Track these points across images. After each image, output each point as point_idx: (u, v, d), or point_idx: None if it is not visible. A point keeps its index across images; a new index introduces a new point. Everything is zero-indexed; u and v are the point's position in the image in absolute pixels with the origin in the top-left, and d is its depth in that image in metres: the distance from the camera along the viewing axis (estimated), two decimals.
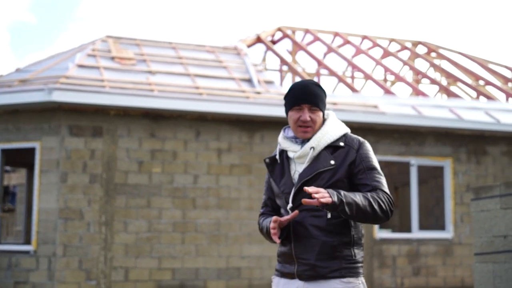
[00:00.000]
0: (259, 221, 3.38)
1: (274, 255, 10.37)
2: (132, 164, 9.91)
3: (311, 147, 3.16)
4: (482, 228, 4.64)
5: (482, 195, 4.70)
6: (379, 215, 3.05)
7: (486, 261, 4.57)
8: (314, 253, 3.07)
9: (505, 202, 4.50)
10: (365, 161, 3.16)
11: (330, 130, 3.21)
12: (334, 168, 3.12)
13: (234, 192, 10.34)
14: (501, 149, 12.04)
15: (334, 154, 3.16)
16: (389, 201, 3.10)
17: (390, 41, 16.01)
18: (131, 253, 9.77)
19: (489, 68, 15.53)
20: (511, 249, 4.39)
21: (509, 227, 4.44)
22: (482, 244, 4.64)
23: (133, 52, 11.63)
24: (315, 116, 3.18)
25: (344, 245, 3.10)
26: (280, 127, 10.61)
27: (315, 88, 3.21)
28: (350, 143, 3.20)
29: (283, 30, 14.78)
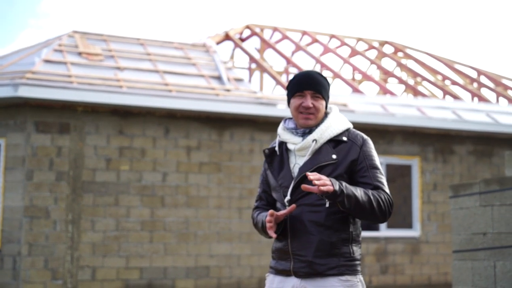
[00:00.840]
0: (253, 215, 3.29)
1: (242, 253, 10.31)
2: (100, 162, 9.75)
3: (313, 140, 3.08)
4: (461, 225, 4.64)
5: (461, 193, 4.69)
6: (377, 214, 3.00)
7: (465, 258, 4.57)
8: (312, 250, 3.00)
9: (485, 200, 4.50)
10: (368, 159, 3.10)
11: (333, 123, 3.14)
12: (335, 163, 3.06)
13: (203, 190, 10.24)
14: (467, 148, 12.14)
15: (336, 149, 3.09)
16: (389, 202, 3.05)
17: (358, 40, 16.07)
18: (98, 252, 9.60)
19: (455, 68, 15.69)
20: (490, 247, 4.39)
21: (489, 224, 4.44)
22: (461, 242, 4.63)
23: (101, 47, 11.45)
24: (318, 104, 3.12)
25: (343, 241, 3.03)
26: (250, 125, 10.57)
27: (319, 77, 3.15)
28: (353, 138, 3.14)
29: (251, 28, 14.72)
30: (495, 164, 12.31)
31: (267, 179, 3.25)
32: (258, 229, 3.22)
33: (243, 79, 11.60)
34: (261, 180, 3.31)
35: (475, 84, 15.55)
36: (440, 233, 11.70)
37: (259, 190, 3.33)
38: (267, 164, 3.23)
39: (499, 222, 4.45)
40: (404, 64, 15.41)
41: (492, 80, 15.69)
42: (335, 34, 15.65)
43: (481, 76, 15.86)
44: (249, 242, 10.38)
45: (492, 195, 4.51)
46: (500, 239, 4.44)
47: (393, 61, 15.65)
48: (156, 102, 9.90)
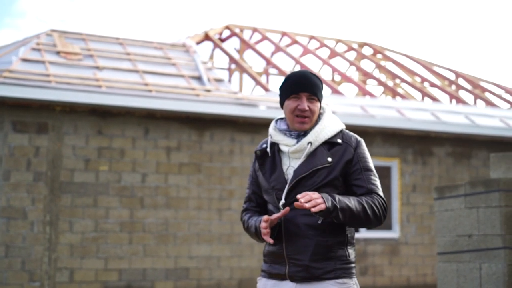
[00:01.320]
0: (244, 218, 3.22)
1: (222, 255, 10.25)
2: (78, 162, 9.63)
3: (308, 142, 3.02)
4: (446, 227, 4.62)
5: (446, 194, 4.68)
6: (372, 220, 2.97)
7: (450, 260, 4.56)
8: (308, 254, 2.94)
9: (470, 202, 4.49)
10: (362, 161, 3.06)
11: (328, 125, 3.09)
12: (331, 166, 3.00)
13: (183, 191, 10.17)
14: (446, 150, 12.20)
15: (331, 151, 3.04)
16: (383, 206, 3.01)
17: (337, 41, 16.09)
18: (77, 254, 9.49)
19: (433, 70, 15.76)
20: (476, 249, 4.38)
21: (474, 226, 4.44)
22: (446, 244, 4.62)
23: (79, 47, 11.33)
24: (314, 107, 3.06)
25: (339, 245, 2.99)
26: (230, 125, 10.51)
27: (314, 78, 3.09)
28: (347, 140, 3.09)
29: (231, 28, 14.67)
30: (473, 166, 12.39)
31: (257, 180, 3.19)
32: (251, 233, 3.15)
33: (224, 80, 11.55)
34: (250, 181, 3.24)
35: (453, 86, 15.63)
36: (419, 234, 11.73)
37: (248, 191, 3.25)
38: (258, 165, 3.16)
39: (484, 224, 4.45)
40: (383, 66, 15.45)
41: (470, 82, 15.79)
42: (314, 35, 15.66)
43: (459, 78, 15.96)
44: (229, 243, 10.33)
45: (477, 197, 4.50)
46: (485, 241, 4.44)
47: (372, 63, 15.69)
48: (136, 102, 9.81)
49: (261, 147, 3.18)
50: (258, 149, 3.19)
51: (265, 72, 14.03)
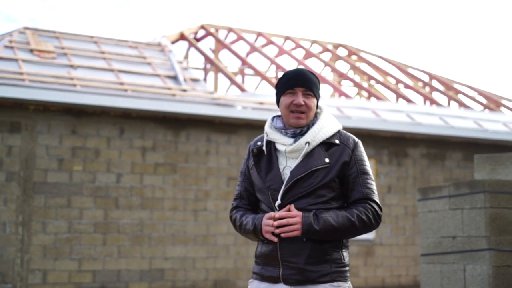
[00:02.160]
0: (236, 215, 3.13)
1: (197, 256, 10.16)
2: (52, 162, 9.47)
3: (306, 142, 2.96)
4: (430, 228, 4.60)
5: (430, 196, 4.66)
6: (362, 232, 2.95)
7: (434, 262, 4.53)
8: (304, 256, 2.88)
9: (454, 203, 4.47)
10: (359, 163, 3.00)
11: (325, 125, 3.03)
12: (328, 167, 2.95)
13: (158, 192, 10.06)
14: (421, 151, 12.24)
15: (329, 152, 2.98)
16: (376, 213, 2.96)
17: (312, 42, 16.08)
18: (50, 255, 9.33)
19: (407, 71, 15.83)
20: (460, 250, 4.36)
21: (458, 227, 4.42)
22: (429, 245, 4.59)
23: (53, 45, 11.15)
24: (310, 102, 3.00)
25: (334, 247, 2.93)
26: (206, 126, 10.42)
27: (309, 74, 3.04)
28: (345, 141, 3.03)
29: (206, 28, 14.58)
30: (447, 167, 12.45)
31: (250, 178, 3.11)
32: (246, 231, 3.05)
33: (200, 80, 11.46)
34: (243, 178, 3.16)
35: (427, 88, 15.72)
36: (394, 235, 11.76)
37: (239, 188, 3.17)
38: (253, 163, 3.08)
39: (469, 225, 4.44)
40: (358, 67, 15.48)
41: (444, 84, 15.89)
42: (290, 36, 15.63)
43: (433, 80, 16.05)
44: (205, 244, 10.24)
45: (462, 198, 4.49)
46: (470, 242, 4.43)
47: (347, 64, 15.71)
48: (111, 102, 9.68)
49: (256, 145, 3.10)
50: (253, 146, 3.11)
51: (240, 72, 13.96)
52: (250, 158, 3.13)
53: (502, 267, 4.34)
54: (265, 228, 2.91)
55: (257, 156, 3.07)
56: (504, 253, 4.36)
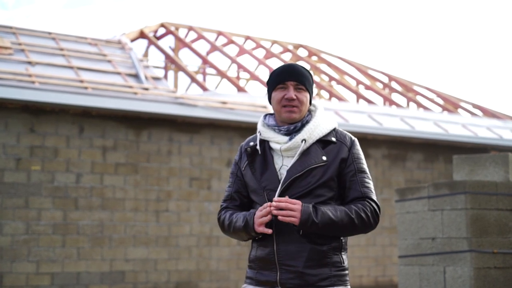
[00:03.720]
0: (225, 215, 2.99)
1: (159, 257, 9.97)
2: (9, 161, 9.17)
3: (302, 140, 2.84)
4: (408, 230, 4.54)
5: (408, 197, 4.60)
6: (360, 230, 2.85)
7: (412, 263, 4.47)
8: (303, 260, 2.76)
9: (434, 204, 4.41)
10: (357, 162, 2.91)
11: (321, 122, 2.92)
12: (326, 165, 2.84)
13: (119, 192, 9.83)
14: (382, 152, 12.26)
15: (326, 149, 2.88)
16: (375, 212, 2.87)
17: (273, 42, 16.01)
18: (6, 257, 9.02)
19: (367, 73, 15.88)
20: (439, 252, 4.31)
21: (438, 229, 4.36)
22: (408, 247, 4.53)
23: (10, 41, 10.82)
24: (302, 96, 2.89)
25: (334, 250, 2.82)
26: (168, 125, 10.24)
27: (301, 68, 2.93)
28: (342, 139, 2.93)
29: (166, 26, 14.37)
30: (408, 168, 12.50)
31: (243, 179, 2.98)
32: (236, 228, 2.90)
33: (161, 78, 11.27)
34: (234, 179, 3.02)
35: (387, 89, 15.80)
36: (355, 236, 11.73)
37: (230, 189, 3.04)
38: (247, 163, 2.96)
39: (449, 226, 4.39)
40: (318, 68, 15.47)
41: (403, 85, 15.99)
42: (250, 35, 15.53)
43: (392, 81, 16.14)
44: (166, 246, 10.05)
45: (442, 199, 4.43)
46: (450, 244, 4.38)
47: (307, 64, 15.68)
48: (70, 99, 9.43)
49: (248, 145, 2.98)
50: (246, 146, 2.99)
51: (201, 71, 13.80)
52: (243, 159, 3.00)
53: (483, 269, 4.30)
54: (258, 220, 2.77)
55: (250, 156, 2.95)
56: (485, 254, 4.32)
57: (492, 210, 4.43)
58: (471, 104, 16.06)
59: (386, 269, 11.90)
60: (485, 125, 14.06)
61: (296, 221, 2.71)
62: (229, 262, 10.45)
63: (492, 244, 4.39)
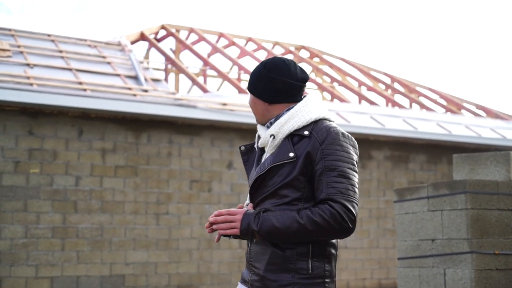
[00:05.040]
0: None
1: (160, 261, 9.88)
2: (7, 164, 9.10)
3: (271, 135, 2.69)
4: (407, 231, 4.43)
5: (407, 197, 4.49)
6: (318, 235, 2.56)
7: (412, 265, 4.37)
8: (264, 263, 2.61)
9: (433, 204, 4.31)
10: (326, 159, 2.58)
11: (296, 114, 2.68)
12: (293, 162, 2.61)
13: (119, 195, 9.75)
14: (384, 154, 12.16)
15: (297, 145, 2.64)
16: (339, 214, 2.53)
17: (274, 44, 15.92)
18: (5, 261, 8.95)
19: (370, 74, 15.78)
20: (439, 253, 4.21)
21: (438, 230, 4.26)
22: (407, 248, 4.43)
23: (8, 43, 10.76)
24: (252, 103, 2.80)
25: (299, 255, 2.58)
26: (168, 127, 10.15)
27: (255, 71, 2.79)
28: (316, 132, 2.65)
29: (167, 28, 14.30)
30: (411, 169, 12.40)
31: None
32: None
33: (161, 80, 11.19)
34: None
35: (389, 91, 15.69)
36: (359, 238, 11.64)
37: None
38: (243, 163, 2.89)
39: (449, 227, 4.28)
40: (320, 69, 15.37)
41: (406, 86, 15.89)
42: (252, 37, 15.44)
43: (395, 82, 16.04)
44: (167, 249, 9.96)
45: (441, 199, 4.33)
46: (450, 245, 4.27)
47: (309, 66, 15.59)
48: (69, 102, 9.35)
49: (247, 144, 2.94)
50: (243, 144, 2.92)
51: (202, 73, 13.72)
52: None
53: (484, 270, 4.20)
54: (206, 224, 2.69)
55: (246, 154, 2.86)
56: (486, 256, 4.22)
57: (493, 210, 4.32)
58: (475, 104, 15.94)
59: (390, 272, 11.79)
60: (488, 126, 13.94)
61: (237, 232, 2.59)
62: (231, 265, 10.36)
63: (493, 245, 4.29)
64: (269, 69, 2.75)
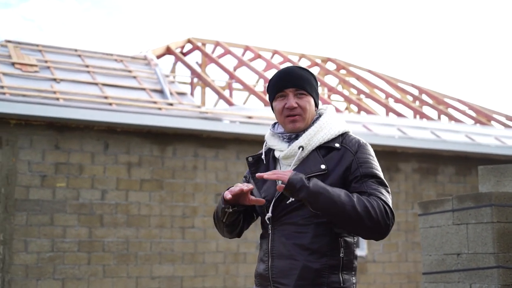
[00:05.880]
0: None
1: (185, 275, 9.84)
2: (34, 178, 9.15)
3: (299, 147, 2.63)
4: (432, 245, 4.33)
5: (432, 210, 4.39)
6: (364, 220, 2.48)
7: (437, 281, 4.27)
8: (294, 278, 2.53)
9: (458, 218, 4.21)
10: (363, 167, 2.61)
11: (325, 127, 2.67)
12: (325, 174, 2.58)
13: (145, 209, 9.75)
14: (412, 166, 12.02)
15: (327, 157, 2.62)
16: (384, 210, 2.52)
17: (300, 56, 15.88)
18: (32, 275, 8.98)
19: (397, 85, 15.65)
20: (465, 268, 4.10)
21: (463, 244, 4.15)
22: (432, 263, 4.33)
23: (36, 58, 10.86)
24: (304, 102, 2.67)
25: (331, 269, 2.55)
26: (193, 140, 10.14)
27: (301, 71, 2.71)
28: (347, 144, 2.67)
29: (193, 41, 14.34)
30: (440, 182, 12.23)
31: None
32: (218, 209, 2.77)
33: (186, 93, 11.20)
34: None
35: (417, 102, 15.53)
36: (387, 252, 11.49)
37: None
38: (250, 174, 2.81)
39: (474, 241, 4.18)
40: (347, 81, 15.28)
41: (434, 98, 15.72)
42: (278, 50, 15.42)
43: (423, 94, 15.87)
44: (193, 263, 9.93)
45: (466, 212, 4.23)
46: (476, 259, 4.17)
47: (336, 78, 15.51)
48: (95, 116, 9.39)
49: (254, 155, 2.86)
50: (251, 155, 2.86)
51: (228, 87, 13.71)
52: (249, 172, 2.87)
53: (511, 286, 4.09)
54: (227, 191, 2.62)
55: (253, 165, 2.79)
56: None
57: None
58: (504, 115, 15.70)
59: (419, 286, 11.61)
60: None
61: (285, 178, 2.47)
62: None
63: None
64: (310, 73, 2.77)
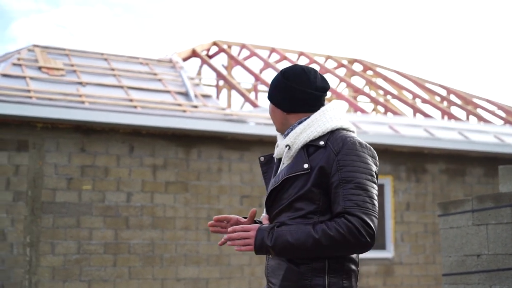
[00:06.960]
0: None
1: (211, 277, 9.86)
2: (60, 181, 9.24)
3: (286, 145, 2.62)
4: (452, 246, 4.28)
5: (452, 211, 4.34)
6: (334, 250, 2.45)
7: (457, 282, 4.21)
8: (279, 278, 2.55)
9: (478, 218, 4.15)
10: (342, 170, 2.48)
11: (313, 124, 2.60)
12: (308, 173, 2.52)
13: (170, 211, 9.79)
14: (439, 167, 11.90)
15: (312, 156, 2.55)
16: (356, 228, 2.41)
17: (327, 58, 15.82)
18: (59, 277, 9.07)
19: (424, 86, 15.52)
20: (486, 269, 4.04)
21: (483, 245, 4.09)
22: (452, 264, 4.27)
23: (62, 62, 10.97)
24: (272, 112, 2.75)
25: (314, 271, 2.49)
26: (218, 142, 10.16)
27: (274, 80, 2.75)
28: (332, 142, 2.55)
29: (218, 44, 14.38)
30: (468, 183, 12.09)
31: None
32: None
33: (211, 96, 11.22)
34: None
35: (445, 103, 15.39)
36: (414, 254, 11.39)
37: None
38: (262, 173, 2.84)
39: (495, 242, 4.12)
40: (373, 82, 15.20)
41: (462, 98, 15.56)
42: (304, 51, 15.39)
43: (451, 94, 15.72)
44: (218, 265, 9.94)
45: (486, 213, 4.17)
46: (496, 261, 4.11)
47: (362, 79, 15.44)
48: (120, 119, 9.45)
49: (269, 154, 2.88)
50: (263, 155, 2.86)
51: (254, 89, 13.72)
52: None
53: None
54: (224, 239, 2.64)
55: (265, 165, 2.80)
56: None
57: None
58: None
59: None
60: None
61: (251, 249, 2.52)
62: None
63: None
64: (287, 78, 2.69)
